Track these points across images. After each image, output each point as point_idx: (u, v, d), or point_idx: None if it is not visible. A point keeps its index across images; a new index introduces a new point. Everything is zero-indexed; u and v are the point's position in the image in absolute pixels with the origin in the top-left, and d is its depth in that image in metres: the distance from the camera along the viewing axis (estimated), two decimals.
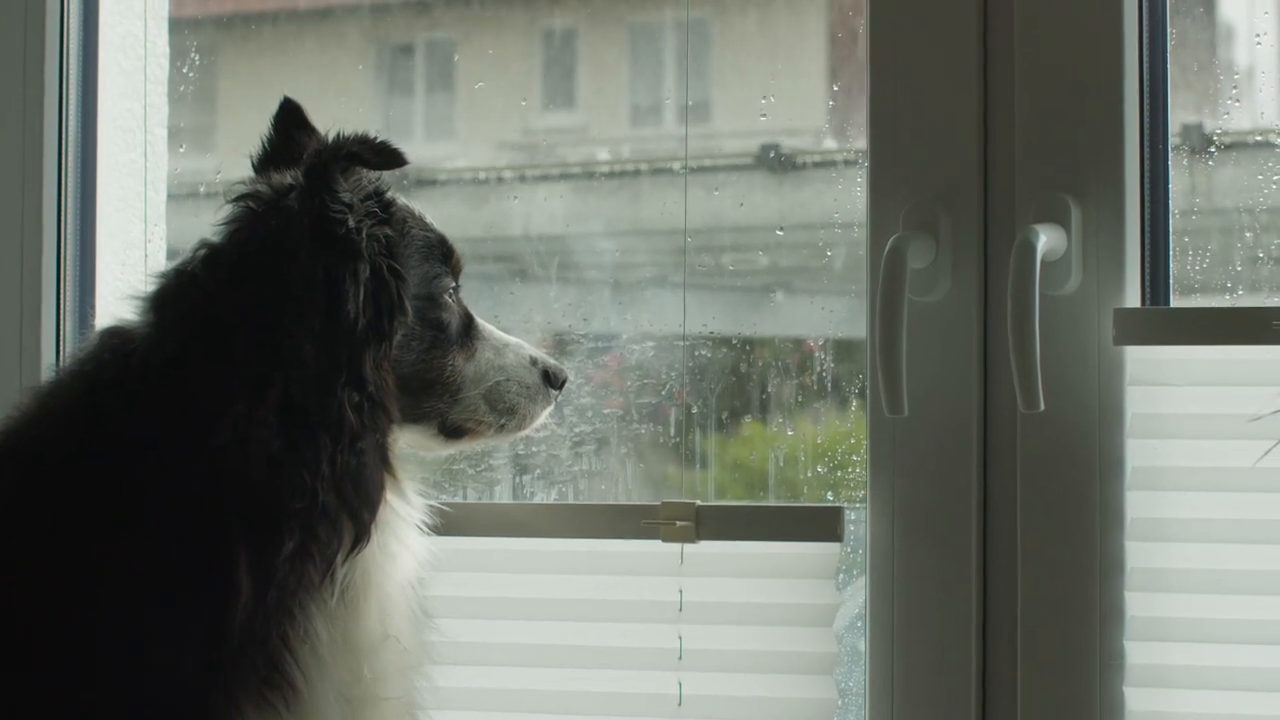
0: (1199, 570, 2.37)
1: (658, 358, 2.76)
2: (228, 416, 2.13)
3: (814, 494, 2.71)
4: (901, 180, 2.47)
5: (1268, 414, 2.31)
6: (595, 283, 2.88)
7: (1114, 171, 2.42)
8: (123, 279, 2.86)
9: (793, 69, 2.83)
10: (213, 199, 2.88)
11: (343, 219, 2.20)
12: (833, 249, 2.73)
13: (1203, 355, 2.39)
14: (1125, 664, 2.38)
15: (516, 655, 2.59)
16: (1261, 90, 2.58)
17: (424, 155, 3.01)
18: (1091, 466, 2.40)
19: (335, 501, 2.16)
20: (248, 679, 2.12)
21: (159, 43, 2.95)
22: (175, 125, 2.97)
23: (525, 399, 2.39)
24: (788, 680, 2.50)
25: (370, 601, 2.23)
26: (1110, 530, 2.39)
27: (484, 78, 2.99)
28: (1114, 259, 2.41)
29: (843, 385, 2.72)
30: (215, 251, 2.24)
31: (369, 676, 2.23)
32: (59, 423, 2.21)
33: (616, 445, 2.78)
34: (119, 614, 2.08)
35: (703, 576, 2.54)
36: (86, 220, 2.87)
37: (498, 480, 2.82)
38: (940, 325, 2.46)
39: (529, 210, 2.96)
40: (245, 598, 2.10)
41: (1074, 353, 2.41)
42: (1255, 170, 2.54)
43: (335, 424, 2.16)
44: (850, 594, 2.61)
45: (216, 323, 2.18)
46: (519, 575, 2.60)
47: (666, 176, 2.84)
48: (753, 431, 2.78)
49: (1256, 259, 2.53)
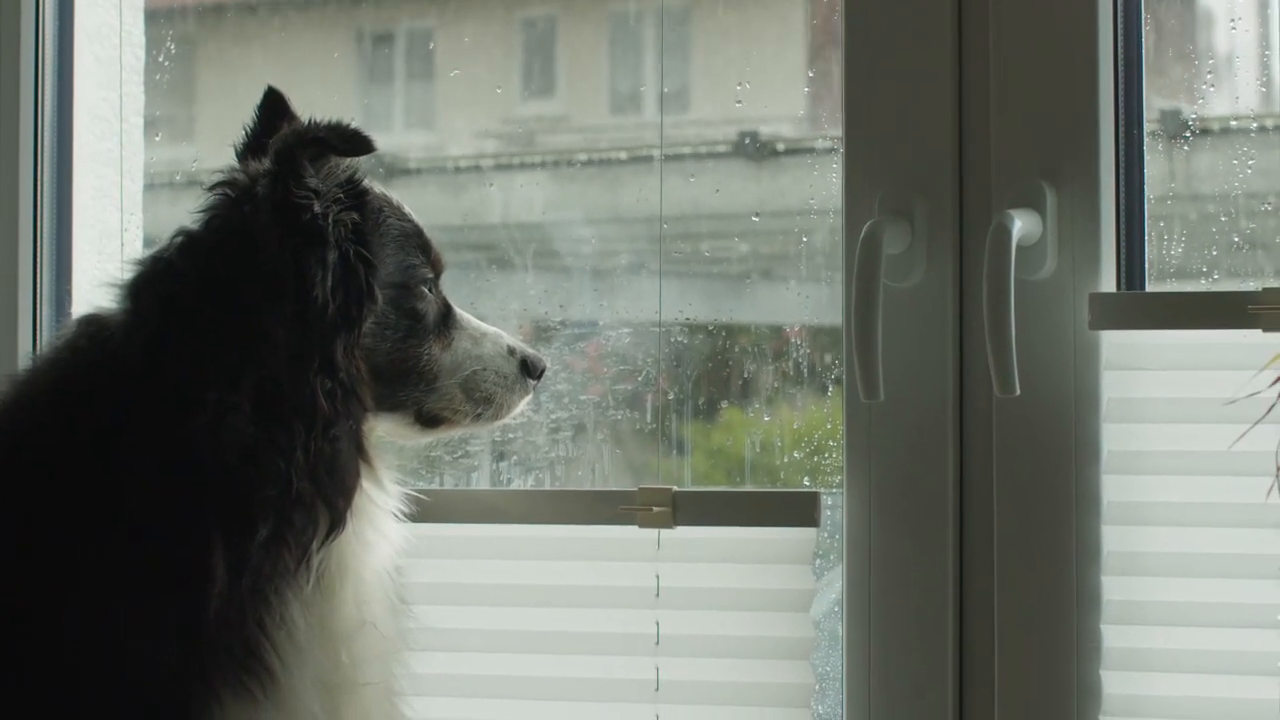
0: (1175, 554, 2.37)
1: (635, 345, 2.76)
2: (202, 403, 2.13)
3: (791, 479, 2.71)
4: (877, 166, 2.47)
5: (1243, 398, 2.31)
6: (573, 270, 2.88)
7: (1089, 157, 2.42)
8: (99, 268, 2.85)
9: (770, 57, 2.83)
10: (189, 188, 2.88)
11: (308, 204, 2.20)
12: (810, 236, 2.73)
13: (1178, 339, 2.38)
14: (1102, 647, 2.38)
15: (494, 641, 2.59)
16: (1238, 75, 2.58)
17: (402, 144, 3.01)
18: (1067, 451, 2.40)
19: (310, 488, 2.16)
20: (225, 666, 2.12)
21: (135, 32, 2.94)
22: (151, 115, 2.97)
23: (502, 388, 2.39)
24: (765, 665, 2.50)
25: (347, 588, 2.23)
26: (1086, 514, 2.39)
27: (462, 66, 2.98)
28: (1089, 244, 2.41)
29: (820, 371, 2.72)
30: (192, 239, 2.24)
31: (347, 663, 2.23)
32: (35, 410, 2.21)
33: (594, 431, 2.78)
34: (93, 602, 2.08)
35: (680, 562, 2.53)
36: (62, 209, 2.87)
37: (475, 466, 2.82)
38: (916, 310, 2.45)
39: (507, 198, 2.96)
40: (220, 584, 2.10)
41: (1049, 337, 2.41)
42: (1231, 156, 2.53)
43: (308, 411, 2.16)
44: (829, 580, 2.61)
45: (192, 310, 2.18)
46: (496, 561, 2.60)
47: (645, 164, 2.84)
48: (730, 417, 2.78)
49: (1232, 244, 2.53)
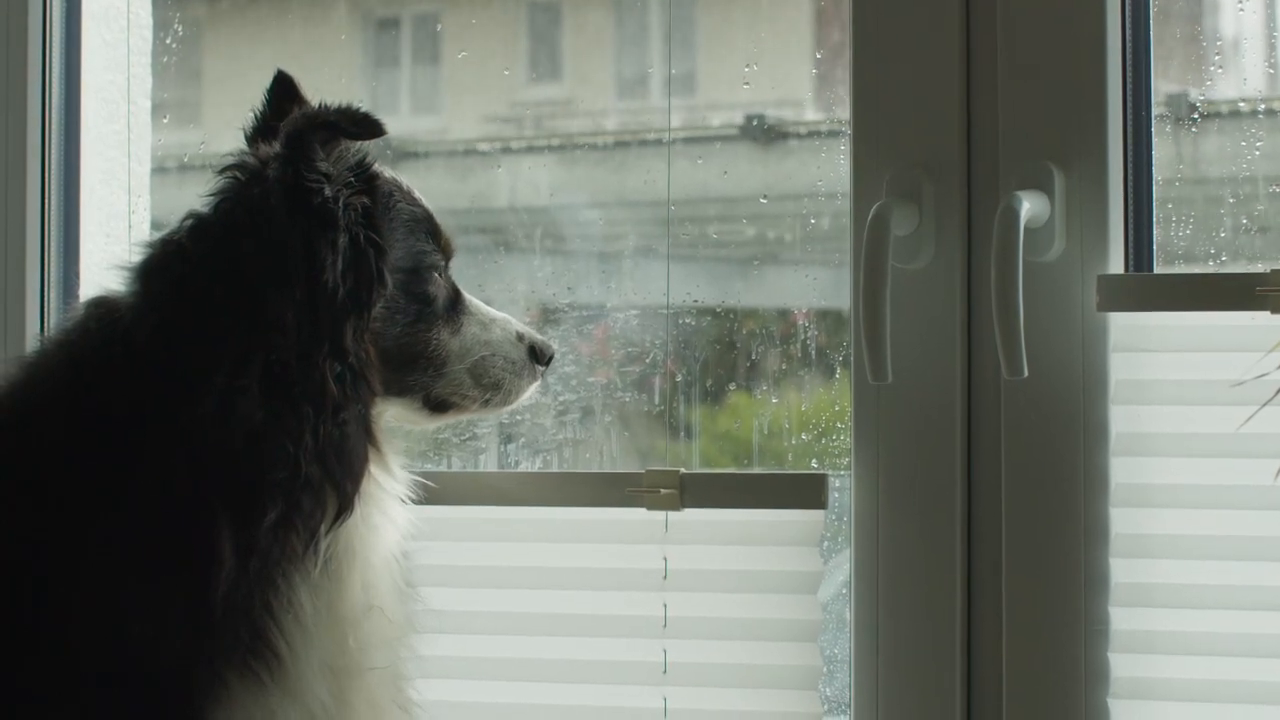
0: (1183, 536, 2.37)
1: (643, 328, 2.76)
2: (211, 386, 2.13)
3: (799, 462, 2.71)
4: (884, 148, 2.47)
5: (1251, 379, 2.31)
6: (580, 253, 2.88)
7: (1097, 139, 2.41)
8: (106, 250, 2.86)
9: (777, 39, 2.83)
10: (197, 171, 2.88)
11: (319, 188, 2.20)
12: (817, 218, 2.73)
13: (1186, 321, 2.38)
14: (1110, 630, 2.38)
15: (501, 624, 2.59)
16: (1245, 59, 2.58)
17: (409, 127, 3.01)
18: (1075, 433, 2.40)
19: (318, 472, 2.16)
20: (232, 649, 2.12)
21: (142, 14, 2.94)
22: (159, 97, 2.97)
23: (511, 374, 2.39)
24: (772, 647, 2.50)
25: (354, 572, 2.23)
26: (1094, 496, 2.39)
27: (469, 49, 2.98)
28: (1097, 225, 2.41)
29: (827, 354, 2.72)
30: (201, 222, 2.24)
31: (354, 647, 2.23)
32: (44, 393, 2.21)
33: (601, 414, 2.78)
34: (101, 584, 2.08)
35: (687, 544, 2.54)
36: (70, 192, 2.87)
37: (483, 449, 2.82)
38: (924, 292, 2.45)
39: (514, 181, 2.96)
40: (228, 567, 2.10)
41: (1057, 319, 2.41)
42: (1239, 138, 2.53)
43: (317, 394, 2.16)
44: (837, 562, 2.61)
45: (201, 293, 2.18)
46: (504, 544, 2.60)
47: (652, 147, 2.84)
48: (738, 400, 2.78)
49: (1240, 226, 2.53)
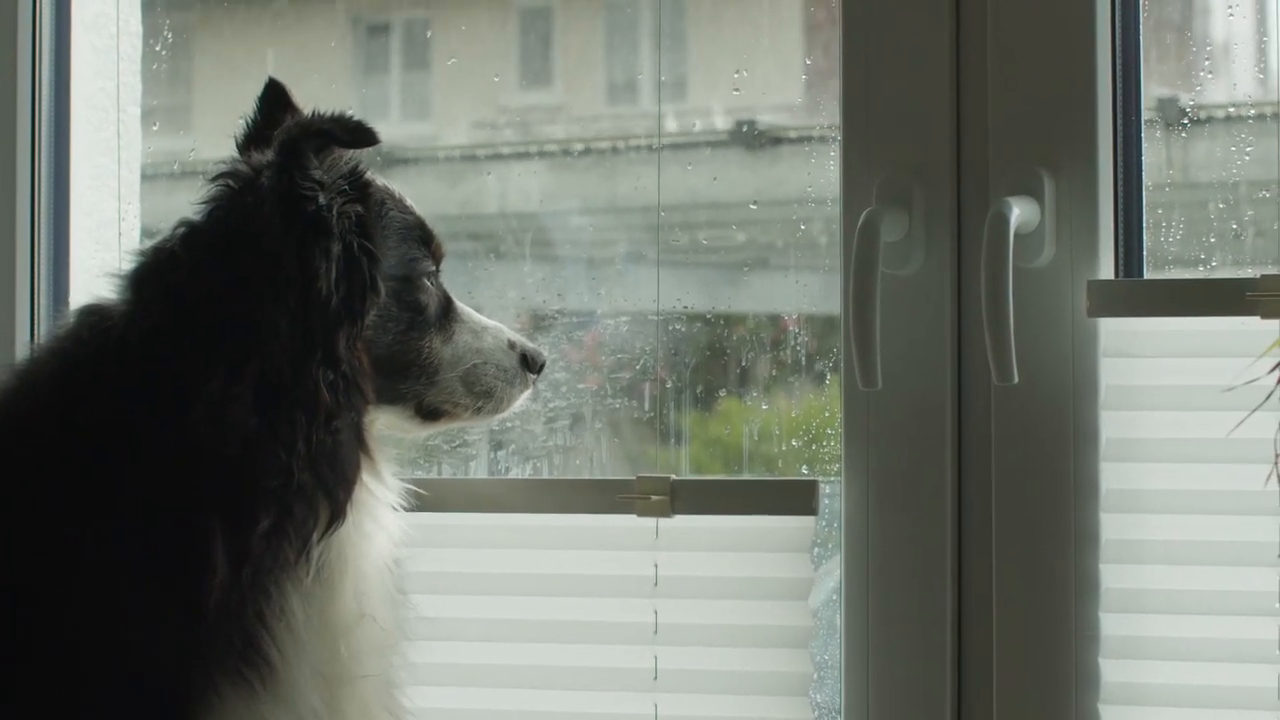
0: (1173, 541, 2.37)
1: (633, 334, 2.76)
2: (204, 394, 2.13)
3: (789, 468, 2.71)
4: (874, 153, 2.47)
5: (1241, 384, 2.31)
6: (570, 259, 2.88)
7: (1088, 144, 2.42)
8: (97, 257, 2.85)
9: (767, 45, 2.83)
10: (187, 178, 2.88)
11: (313, 196, 2.20)
12: (807, 224, 2.73)
13: (1176, 327, 2.39)
14: (1100, 635, 2.38)
15: (493, 630, 2.59)
16: (1236, 63, 2.58)
17: (399, 134, 3.01)
18: (1066, 438, 2.40)
19: (311, 480, 2.16)
20: (224, 657, 2.12)
21: (131, 21, 2.94)
22: (149, 104, 2.97)
23: (503, 382, 2.39)
24: (763, 654, 2.50)
25: (346, 580, 2.23)
26: (1085, 502, 2.39)
27: (459, 56, 2.98)
28: (1087, 231, 2.41)
29: (818, 360, 2.72)
30: (194, 230, 2.23)
31: (346, 655, 2.23)
32: (37, 400, 2.20)
33: (592, 420, 2.78)
34: (94, 591, 2.08)
35: (678, 551, 2.54)
36: (60, 198, 2.86)
37: (473, 456, 2.82)
38: (914, 298, 2.46)
39: (504, 188, 2.96)
40: (221, 575, 2.10)
41: (1048, 325, 2.41)
42: (1229, 143, 2.53)
43: (310, 402, 2.16)
44: (827, 569, 2.61)
45: (194, 300, 2.18)
46: (494, 551, 2.60)
47: (642, 153, 2.84)
48: (728, 406, 2.78)
49: (1230, 231, 2.53)
